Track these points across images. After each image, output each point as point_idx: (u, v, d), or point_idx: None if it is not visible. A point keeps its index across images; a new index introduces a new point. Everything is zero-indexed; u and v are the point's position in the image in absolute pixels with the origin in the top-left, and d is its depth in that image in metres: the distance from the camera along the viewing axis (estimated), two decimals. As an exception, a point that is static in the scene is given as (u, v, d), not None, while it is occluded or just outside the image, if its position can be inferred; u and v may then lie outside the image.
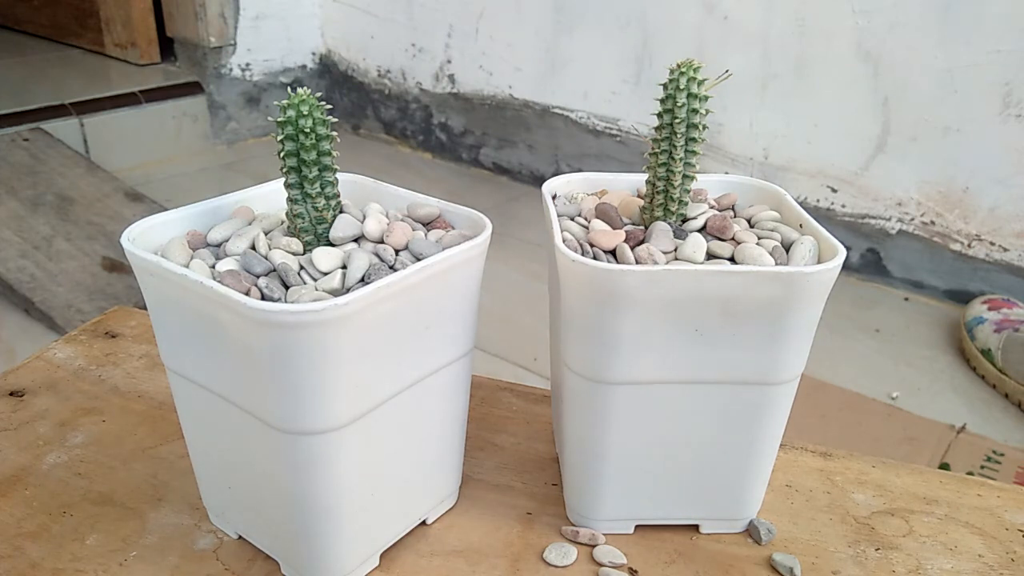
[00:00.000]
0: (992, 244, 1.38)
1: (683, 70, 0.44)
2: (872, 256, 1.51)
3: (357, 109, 2.23)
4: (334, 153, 0.43)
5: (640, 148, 1.74)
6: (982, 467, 1.03)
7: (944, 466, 1.03)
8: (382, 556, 0.47)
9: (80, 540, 0.47)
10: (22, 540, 0.47)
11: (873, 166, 1.46)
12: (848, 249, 0.92)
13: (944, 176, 1.40)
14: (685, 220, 0.48)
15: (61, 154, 1.71)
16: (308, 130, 0.42)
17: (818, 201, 1.53)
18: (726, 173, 0.91)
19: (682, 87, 0.44)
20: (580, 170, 1.64)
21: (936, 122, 1.37)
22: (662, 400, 0.44)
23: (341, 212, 0.45)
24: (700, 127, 0.45)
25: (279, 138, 0.42)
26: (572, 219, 0.49)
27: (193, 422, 0.46)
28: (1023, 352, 1.17)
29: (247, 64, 2.08)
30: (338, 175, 0.45)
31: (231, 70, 2.05)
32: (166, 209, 0.52)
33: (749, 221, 0.49)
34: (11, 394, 0.60)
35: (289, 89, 0.42)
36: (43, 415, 0.58)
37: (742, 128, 1.58)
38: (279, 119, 0.42)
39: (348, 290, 0.40)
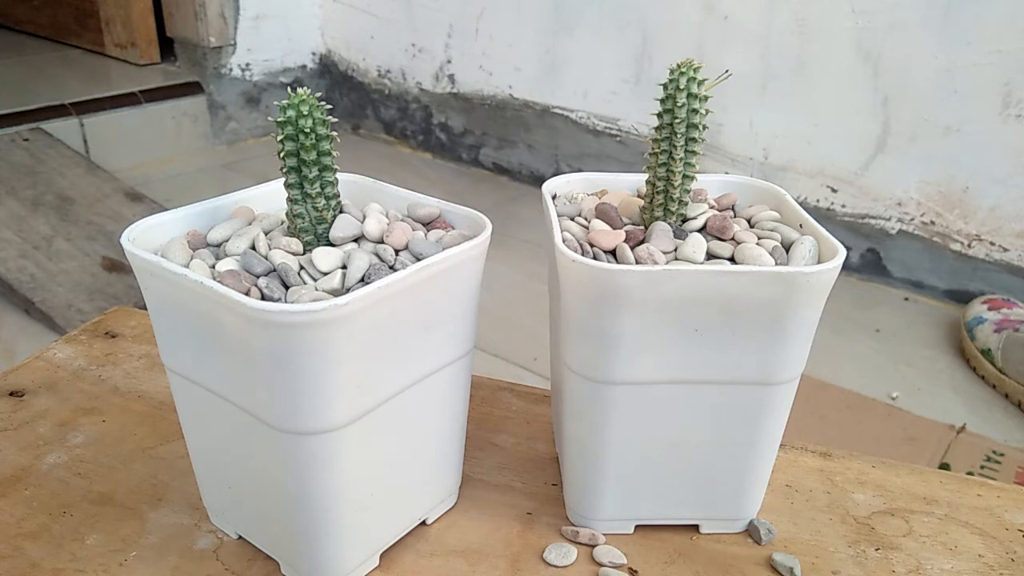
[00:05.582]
0: (992, 244, 1.38)
1: (683, 70, 0.44)
2: (872, 256, 1.51)
3: (357, 109, 2.23)
4: (334, 153, 0.43)
5: (640, 148, 1.74)
6: (982, 467, 1.03)
7: (944, 466, 1.03)
8: (382, 556, 0.47)
9: (80, 540, 0.47)
10: (22, 540, 0.47)
11: (873, 166, 1.46)
12: (848, 249, 0.92)
13: (944, 176, 1.40)
14: (685, 220, 0.48)
15: (61, 154, 1.71)
16: (308, 130, 0.42)
17: (818, 201, 1.53)
18: (726, 173, 0.91)
19: (682, 87, 0.44)
20: (580, 170, 1.64)
21: (936, 122, 1.37)
22: (662, 400, 0.44)
23: (341, 212, 0.45)
24: (700, 127, 0.45)
25: (279, 138, 0.42)
26: (572, 219, 0.49)
27: (193, 422, 0.46)
28: (1023, 352, 1.17)
29: (247, 64, 2.08)
30: (338, 175, 0.45)
31: (231, 70, 2.05)
32: (166, 209, 0.52)
33: (749, 221, 0.49)
34: (11, 394, 0.60)
35: (289, 89, 0.42)
36: (43, 415, 0.58)
37: (742, 128, 1.58)
38: (279, 119, 0.42)
39: (348, 290, 0.40)
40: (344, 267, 0.42)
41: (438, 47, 1.99)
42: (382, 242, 0.44)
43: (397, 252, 0.43)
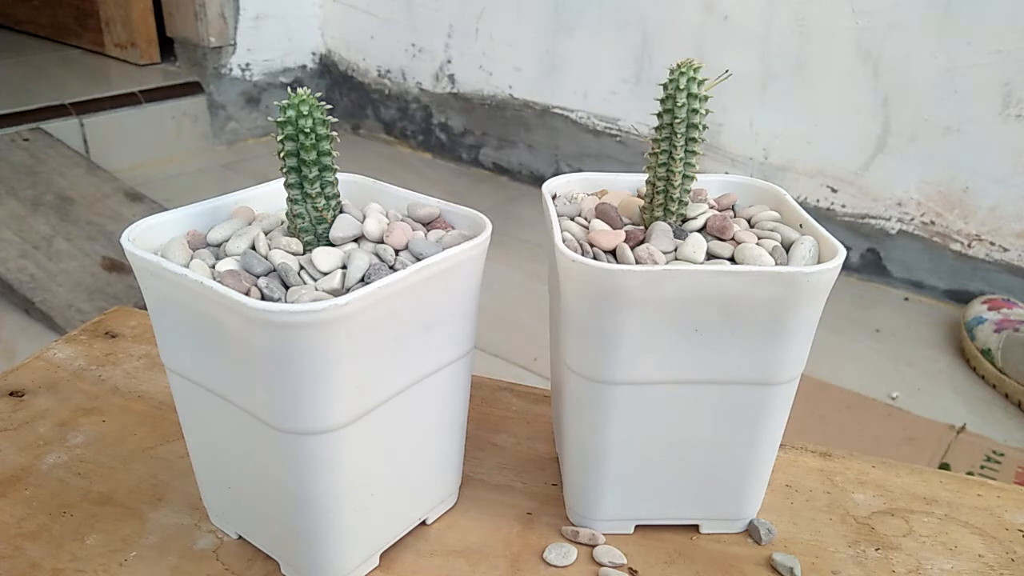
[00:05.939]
0: (992, 244, 1.38)
1: (683, 70, 0.44)
2: (872, 256, 1.51)
3: (357, 109, 2.23)
4: (334, 153, 0.43)
5: (640, 148, 1.74)
6: (982, 467, 1.03)
7: (944, 466, 1.03)
8: (382, 556, 0.47)
9: (80, 540, 0.47)
10: (22, 540, 0.47)
11: (873, 166, 1.46)
12: (848, 249, 0.92)
13: (944, 176, 1.40)
14: (685, 220, 0.48)
15: (61, 154, 1.71)
16: (308, 130, 0.42)
17: (818, 201, 1.53)
18: (726, 173, 0.91)
19: (682, 87, 0.44)
20: (580, 170, 1.64)
21: (936, 122, 1.37)
22: (662, 400, 0.44)
23: (341, 212, 0.45)
24: (700, 127, 0.45)
25: (279, 138, 0.42)
26: (572, 219, 0.49)
27: (193, 422, 0.46)
28: (1023, 352, 1.17)
29: (247, 64, 2.08)
30: (338, 175, 0.45)
31: (231, 70, 2.05)
32: (166, 209, 0.52)
33: (749, 221, 0.49)
34: (11, 394, 0.60)
35: (289, 89, 0.42)
36: (43, 415, 0.58)
37: (742, 128, 1.58)
38: (279, 119, 0.42)
39: (348, 290, 0.40)
40: (344, 267, 0.42)
41: (438, 47, 1.99)
42: (382, 242, 0.44)
43: (397, 252, 0.43)
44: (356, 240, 0.44)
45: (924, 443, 1.08)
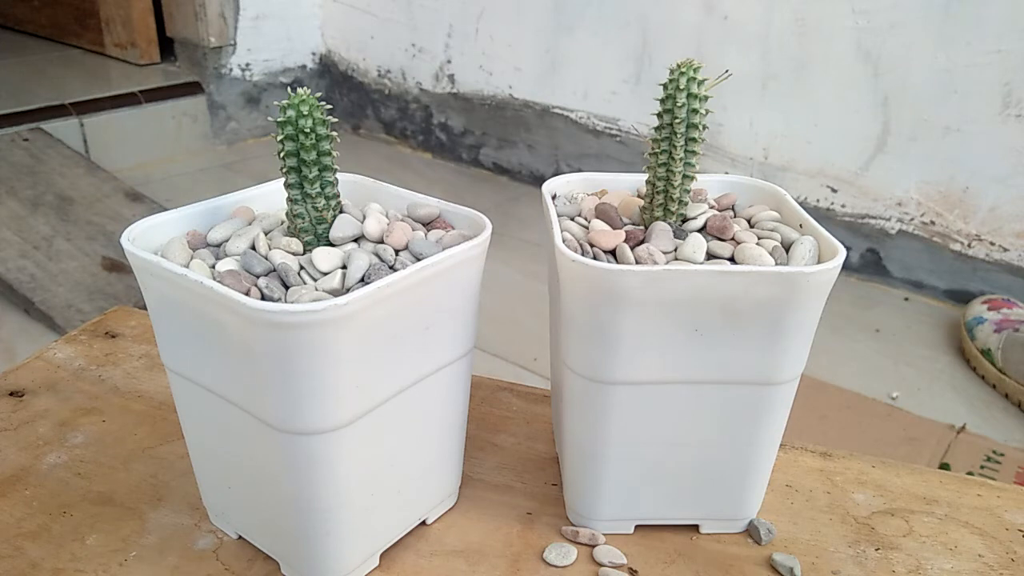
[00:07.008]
0: (992, 244, 1.38)
1: (683, 70, 0.44)
2: (872, 256, 1.51)
3: (357, 109, 2.23)
4: (334, 153, 0.43)
5: (640, 148, 1.74)
6: (982, 467, 1.03)
7: (944, 466, 1.03)
8: (382, 556, 0.47)
9: (80, 540, 0.47)
10: (22, 540, 0.47)
11: (873, 166, 1.46)
12: (848, 249, 0.92)
13: (944, 176, 1.40)
14: (685, 220, 0.48)
15: (61, 154, 1.71)
16: (308, 130, 0.42)
17: (818, 201, 1.53)
18: (726, 173, 0.91)
19: (682, 87, 0.44)
20: (580, 170, 1.64)
21: (936, 122, 1.37)
22: (662, 400, 0.44)
23: (341, 212, 0.45)
24: (700, 127, 0.45)
25: (279, 138, 0.42)
26: (572, 219, 0.49)
27: (193, 422, 0.46)
28: (1023, 352, 1.17)
29: (247, 64, 2.08)
30: (338, 175, 0.45)
31: (231, 70, 2.05)
32: (166, 209, 0.52)
33: (749, 221, 0.49)
34: (11, 394, 0.60)
35: (289, 89, 0.42)
36: (43, 415, 0.58)
37: (742, 128, 1.58)
38: (279, 119, 0.42)
39: (348, 290, 0.40)
40: (344, 267, 0.42)
41: (438, 47, 1.99)
42: (382, 242, 0.44)
43: (397, 252, 0.43)
44: (356, 240, 0.44)
45: (924, 443, 1.08)
